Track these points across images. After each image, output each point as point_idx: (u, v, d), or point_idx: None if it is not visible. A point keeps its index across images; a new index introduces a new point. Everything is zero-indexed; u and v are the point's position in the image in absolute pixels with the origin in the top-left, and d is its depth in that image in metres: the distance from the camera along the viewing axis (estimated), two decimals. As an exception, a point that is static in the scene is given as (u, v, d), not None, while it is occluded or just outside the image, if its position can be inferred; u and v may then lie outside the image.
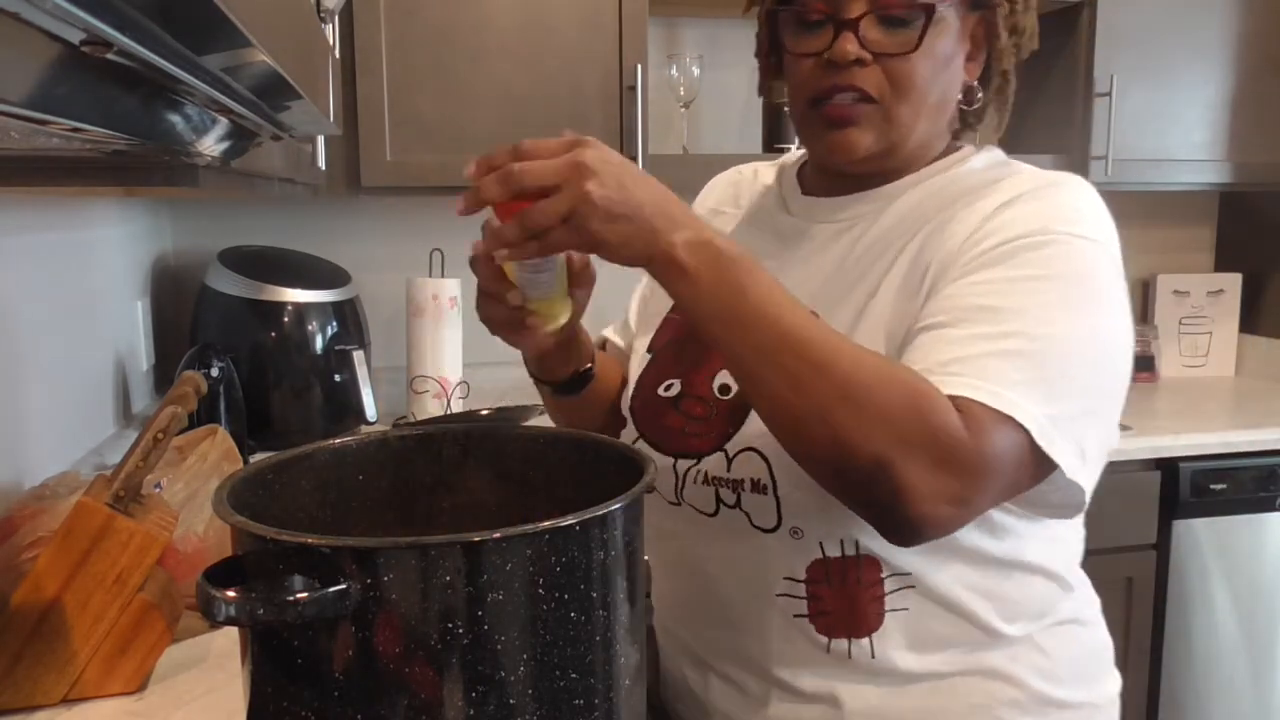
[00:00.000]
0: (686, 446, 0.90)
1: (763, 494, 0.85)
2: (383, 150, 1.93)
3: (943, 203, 0.85)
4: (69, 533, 0.93)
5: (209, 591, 0.58)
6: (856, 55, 0.82)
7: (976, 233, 0.80)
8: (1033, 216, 0.79)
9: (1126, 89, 2.19)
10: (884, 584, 0.83)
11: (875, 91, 0.84)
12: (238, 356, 1.83)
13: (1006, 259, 0.77)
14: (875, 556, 0.83)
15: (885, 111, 0.84)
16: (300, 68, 0.63)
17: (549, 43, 1.97)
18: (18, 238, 1.32)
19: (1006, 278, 0.76)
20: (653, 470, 0.72)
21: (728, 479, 0.87)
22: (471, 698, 0.60)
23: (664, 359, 0.97)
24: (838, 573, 0.84)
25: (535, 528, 0.60)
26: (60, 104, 0.44)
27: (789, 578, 0.86)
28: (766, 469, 0.84)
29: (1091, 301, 0.78)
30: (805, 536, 0.84)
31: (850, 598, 0.84)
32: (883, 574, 0.83)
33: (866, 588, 0.83)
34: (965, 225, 0.81)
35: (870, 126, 0.85)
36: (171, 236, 2.22)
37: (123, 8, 0.36)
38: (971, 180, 0.87)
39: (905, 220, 0.87)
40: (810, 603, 0.85)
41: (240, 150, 0.85)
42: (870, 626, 0.84)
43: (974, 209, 0.82)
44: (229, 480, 0.70)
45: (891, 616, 0.84)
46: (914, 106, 0.84)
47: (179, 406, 0.98)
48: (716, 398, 0.89)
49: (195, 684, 1.00)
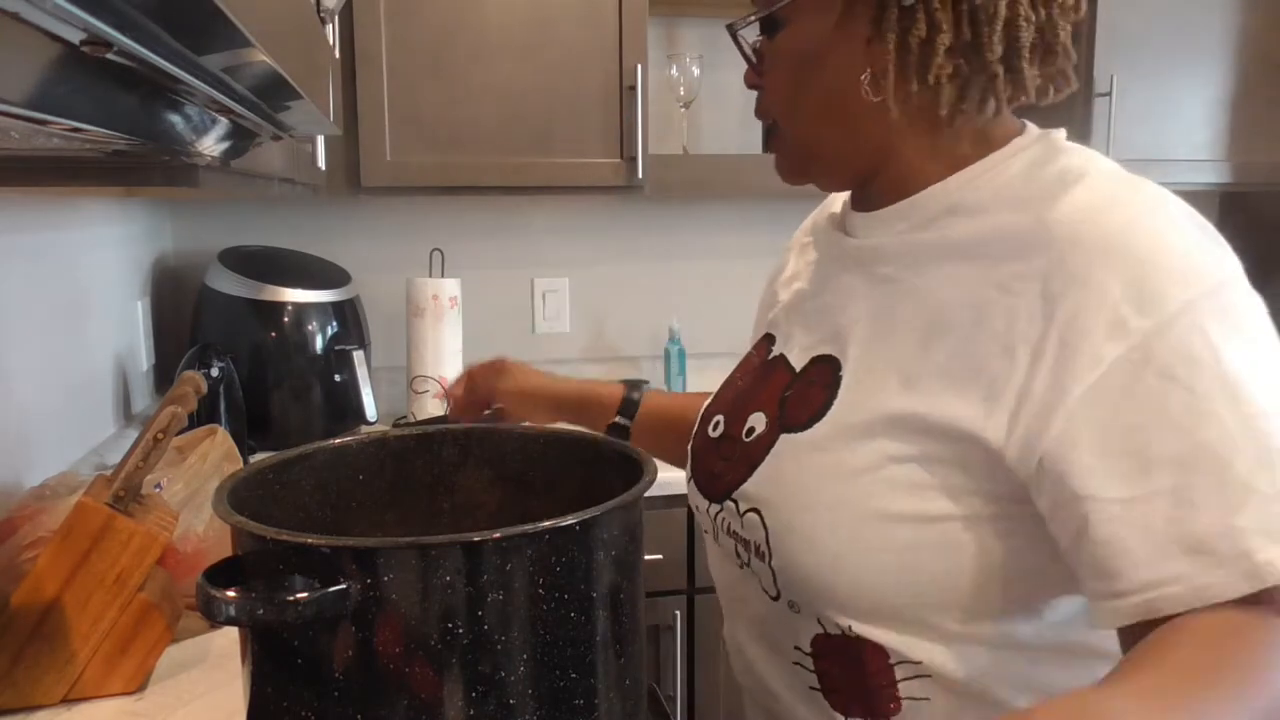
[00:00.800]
0: (714, 489, 0.84)
1: (761, 560, 0.77)
2: (383, 150, 1.93)
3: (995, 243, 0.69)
4: (69, 533, 0.93)
5: (209, 591, 0.58)
6: (752, 83, 0.79)
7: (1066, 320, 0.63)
8: (1154, 298, 0.61)
9: (1126, 89, 2.19)
10: (893, 670, 0.73)
11: (768, 117, 0.79)
12: (238, 356, 1.83)
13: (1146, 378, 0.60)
14: (876, 643, 0.72)
15: (780, 133, 0.79)
16: (300, 68, 0.63)
17: (549, 42, 1.97)
18: (18, 237, 1.32)
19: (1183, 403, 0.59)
20: (652, 470, 0.71)
21: (742, 536, 0.80)
22: (471, 698, 0.60)
23: (722, 395, 0.91)
24: (840, 650, 0.75)
25: (535, 528, 0.60)
26: (60, 104, 0.44)
27: (798, 648, 0.78)
28: (764, 534, 0.76)
29: (1261, 366, 0.62)
30: (802, 612, 0.76)
31: (859, 679, 0.74)
32: (890, 660, 0.73)
33: (874, 674, 0.74)
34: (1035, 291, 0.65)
35: (781, 151, 0.80)
36: (171, 236, 2.22)
37: (123, 8, 0.36)
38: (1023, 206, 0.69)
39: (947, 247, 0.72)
40: (820, 678, 0.77)
41: (240, 150, 0.85)
42: (886, 711, 0.74)
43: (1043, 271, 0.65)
44: (229, 480, 0.70)
45: (911, 705, 0.73)
46: (803, 125, 0.76)
47: (179, 406, 0.98)
48: (743, 440, 0.81)
49: (195, 684, 1.00)
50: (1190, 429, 0.59)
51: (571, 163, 1.99)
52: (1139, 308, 0.61)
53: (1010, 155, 0.73)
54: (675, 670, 1.88)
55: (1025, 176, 0.71)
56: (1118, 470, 0.60)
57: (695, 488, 0.88)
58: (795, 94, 0.75)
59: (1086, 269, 0.63)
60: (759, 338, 0.91)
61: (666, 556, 1.84)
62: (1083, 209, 0.66)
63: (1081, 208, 0.66)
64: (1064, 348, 0.63)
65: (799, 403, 0.77)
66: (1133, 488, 0.60)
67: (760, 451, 0.78)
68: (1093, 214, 0.66)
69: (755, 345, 0.91)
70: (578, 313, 2.42)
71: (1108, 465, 0.60)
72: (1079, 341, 0.62)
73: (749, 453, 0.80)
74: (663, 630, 1.87)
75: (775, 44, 0.75)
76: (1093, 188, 0.68)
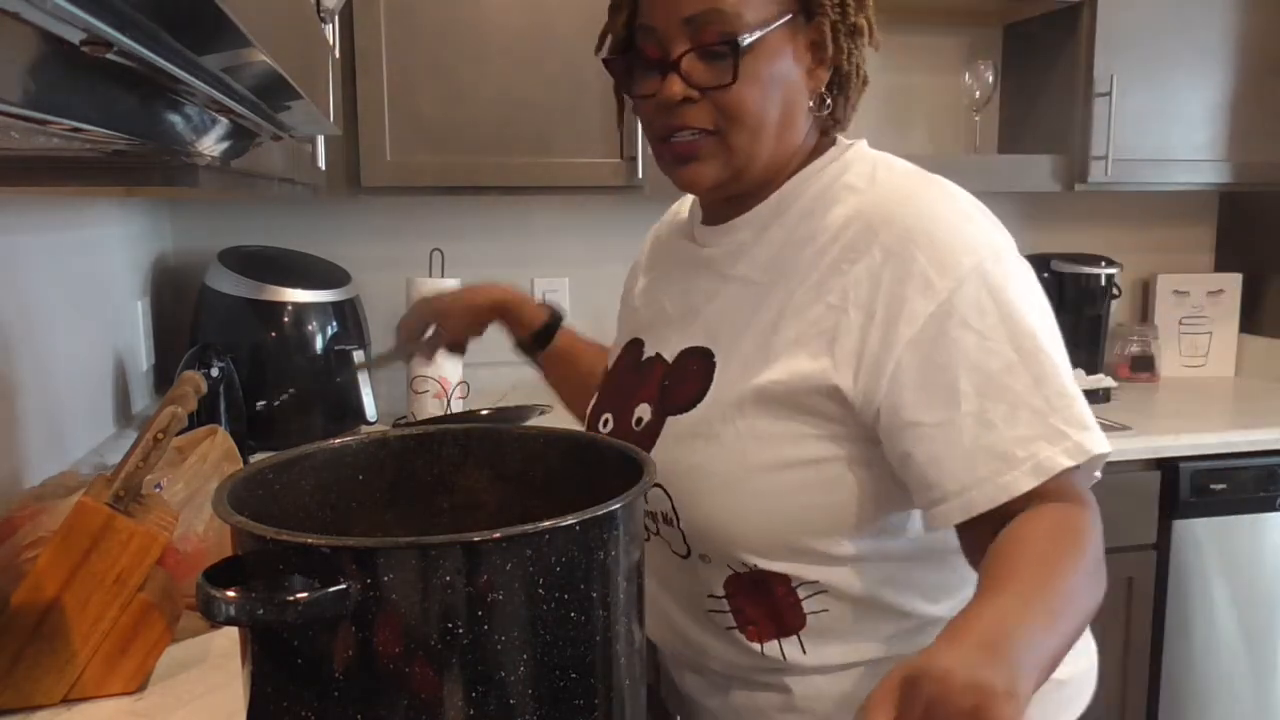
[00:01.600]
0: None
1: (670, 525, 0.90)
2: (383, 150, 1.93)
3: (816, 222, 0.87)
4: (69, 533, 0.93)
5: (209, 591, 0.58)
6: (684, 94, 0.84)
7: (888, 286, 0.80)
8: (949, 263, 0.79)
9: (1126, 89, 2.19)
10: (797, 592, 0.87)
11: (710, 124, 0.85)
12: (238, 356, 1.83)
13: (950, 328, 0.78)
14: (779, 572, 0.86)
15: (723, 140, 0.85)
16: (300, 68, 0.63)
17: (549, 42, 1.96)
18: (18, 238, 1.32)
19: (976, 344, 0.78)
20: (652, 470, 0.72)
21: (648, 509, 0.91)
22: (471, 698, 0.60)
23: (604, 394, 1.03)
24: (750, 587, 0.88)
25: (535, 528, 0.60)
26: (60, 104, 0.44)
27: (712, 595, 0.90)
28: (670, 504, 0.89)
29: (1029, 312, 0.80)
30: (713, 561, 0.89)
31: (769, 605, 0.88)
32: (793, 584, 0.87)
33: (781, 598, 0.87)
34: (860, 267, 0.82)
35: (712, 158, 0.86)
36: (171, 236, 2.22)
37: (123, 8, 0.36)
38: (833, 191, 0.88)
39: (788, 243, 0.88)
40: (735, 615, 0.90)
41: (240, 150, 0.85)
42: (794, 627, 0.88)
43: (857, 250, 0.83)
44: (229, 480, 0.70)
45: (813, 618, 0.87)
46: (750, 132, 0.85)
47: (179, 406, 0.98)
48: (633, 429, 0.93)
49: (195, 684, 1.00)
50: (983, 364, 0.77)
51: (571, 163, 1.99)
52: (940, 272, 0.79)
53: (829, 162, 0.90)
54: (675, 670, 1.88)
55: (840, 177, 0.88)
56: (934, 401, 0.78)
57: None
58: (763, 108, 0.85)
59: (900, 245, 0.80)
60: (625, 343, 1.04)
61: (666, 556, 1.84)
62: (891, 199, 0.84)
63: (890, 198, 0.84)
64: (888, 309, 0.80)
65: (678, 389, 0.91)
66: (944, 413, 0.77)
67: (650, 435, 0.91)
68: (899, 202, 0.84)
69: (624, 348, 1.04)
70: (578, 312, 2.41)
71: (926, 398, 0.78)
72: (899, 304, 0.79)
73: (641, 439, 0.91)
74: (663, 630, 1.87)
75: (749, 62, 0.83)
76: (895, 183, 0.87)
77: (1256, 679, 2.15)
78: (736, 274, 0.91)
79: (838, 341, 0.81)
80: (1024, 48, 2.45)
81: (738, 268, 0.91)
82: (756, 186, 0.90)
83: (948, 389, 0.77)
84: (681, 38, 0.84)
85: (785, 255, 0.88)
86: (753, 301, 0.89)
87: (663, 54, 0.85)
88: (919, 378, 0.78)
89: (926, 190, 0.85)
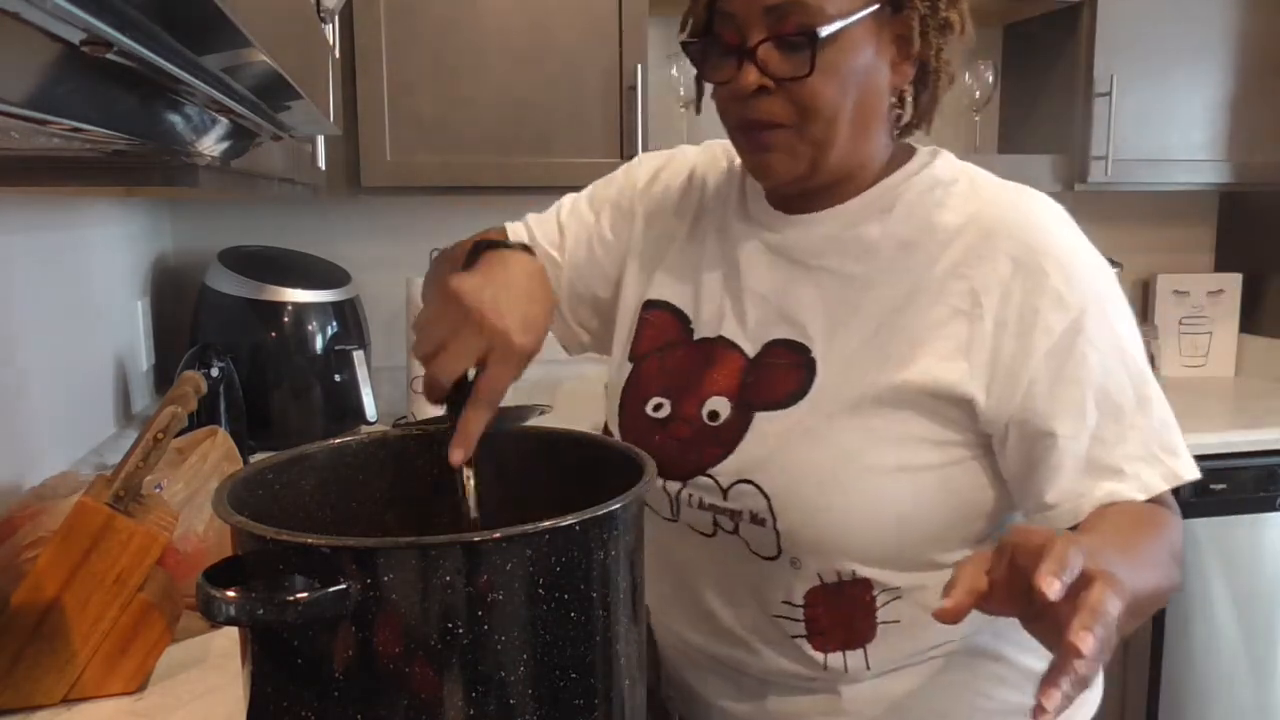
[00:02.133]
0: (672, 467, 0.90)
1: (761, 526, 0.86)
2: (383, 150, 1.93)
3: (921, 227, 0.85)
4: (69, 533, 0.93)
5: (209, 591, 0.58)
6: (758, 84, 0.81)
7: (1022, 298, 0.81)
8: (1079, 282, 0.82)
9: (1126, 89, 2.19)
10: (875, 600, 0.86)
11: (785, 117, 0.82)
12: (238, 356, 1.83)
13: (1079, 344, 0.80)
14: (868, 578, 0.86)
15: (799, 133, 0.83)
16: (300, 68, 0.63)
17: (549, 43, 1.97)
18: (18, 237, 1.32)
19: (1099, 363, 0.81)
20: (652, 470, 0.71)
21: (725, 508, 0.88)
22: (471, 698, 0.60)
23: (649, 373, 0.96)
24: (833, 595, 0.87)
25: (535, 528, 0.60)
26: (60, 104, 0.44)
27: (787, 601, 0.88)
28: (766, 504, 0.85)
29: (1135, 338, 0.84)
30: (804, 566, 0.86)
31: (845, 615, 0.87)
32: (874, 591, 0.86)
33: (860, 606, 0.87)
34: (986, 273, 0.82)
35: (786, 151, 0.84)
36: (171, 236, 2.22)
37: (123, 8, 0.36)
38: (935, 197, 0.87)
39: (890, 244, 0.86)
40: (808, 624, 0.88)
41: (240, 150, 0.85)
42: (864, 639, 0.87)
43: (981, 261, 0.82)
44: (229, 480, 0.70)
45: (884, 628, 0.87)
46: (826, 125, 0.82)
47: (179, 406, 0.98)
48: (705, 423, 0.89)
49: (195, 684, 1.00)
50: (1104, 383, 0.81)
51: (571, 163, 1.99)
52: (1070, 289, 0.81)
53: (922, 165, 0.89)
54: (675, 670, 1.88)
55: (940, 181, 0.88)
56: (1066, 414, 0.80)
57: None
58: (841, 100, 0.82)
59: (1029, 258, 0.81)
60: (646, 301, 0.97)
61: (666, 556, 1.84)
62: (1004, 209, 0.85)
63: (1002, 208, 0.85)
64: (1022, 321, 0.81)
65: (767, 385, 0.87)
66: (1074, 426, 0.80)
67: (735, 431, 0.88)
68: (1012, 211, 0.85)
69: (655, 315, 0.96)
70: (578, 313, 2.41)
71: (1059, 410, 0.80)
72: (1033, 316, 0.81)
73: (719, 434, 0.88)
74: (663, 630, 1.87)
75: (828, 54, 0.80)
76: (999, 193, 0.86)
77: (1256, 679, 2.15)
78: (824, 266, 0.88)
79: (972, 349, 0.81)
80: (1024, 48, 2.45)
81: (826, 260, 0.88)
82: (834, 181, 0.87)
83: (1077, 404, 0.80)
84: (760, 26, 0.81)
85: (888, 254, 0.86)
86: (851, 297, 0.86)
87: (740, 41, 0.82)
88: (1052, 390, 0.80)
89: (1034, 202, 0.86)
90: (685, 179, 1.01)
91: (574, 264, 1.03)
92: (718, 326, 0.92)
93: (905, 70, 0.85)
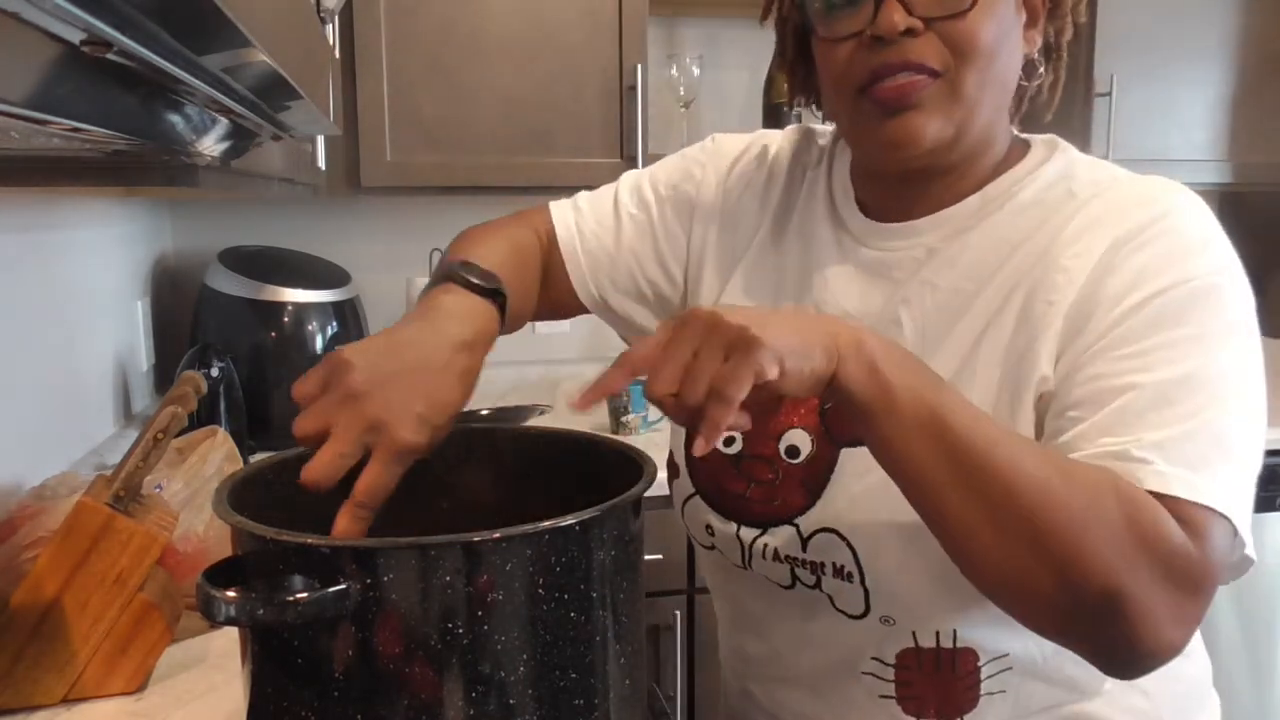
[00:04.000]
0: (750, 513, 0.81)
1: (847, 581, 0.76)
2: (383, 150, 1.93)
3: (1034, 224, 0.75)
4: (69, 533, 0.93)
5: (209, 591, 0.58)
6: (906, 24, 0.70)
7: (1104, 282, 0.70)
8: (1165, 262, 0.70)
9: (1126, 89, 2.19)
10: (981, 670, 0.76)
11: (937, 62, 0.71)
12: (238, 356, 1.83)
13: (1157, 323, 0.68)
14: (973, 646, 0.76)
15: (951, 84, 0.71)
16: (300, 68, 0.63)
17: (549, 43, 1.97)
18: (18, 237, 1.32)
19: (1164, 344, 0.67)
20: (652, 470, 0.71)
21: (804, 559, 0.78)
22: (471, 698, 0.60)
23: None
24: (931, 661, 0.77)
25: (535, 528, 0.60)
26: (60, 104, 0.44)
27: (876, 658, 0.79)
28: (851, 556, 0.76)
29: (1242, 350, 0.69)
30: (898, 625, 0.76)
31: (944, 685, 0.77)
32: (980, 661, 0.76)
33: (962, 676, 0.77)
34: (1081, 263, 0.71)
35: (935, 108, 0.72)
36: (171, 236, 2.22)
37: (123, 8, 0.36)
38: (1057, 194, 0.76)
39: (998, 248, 0.76)
40: (899, 686, 0.78)
41: (240, 150, 0.85)
42: (964, 710, 0.78)
43: (1083, 242, 0.72)
44: (229, 480, 0.70)
45: (987, 699, 0.77)
46: (981, 74, 0.71)
47: (179, 406, 0.98)
48: (784, 460, 0.79)
49: (195, 684, 0.99)
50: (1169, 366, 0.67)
51: (571, 163, 1.99)
52: (1167, 264, 0.69)
53: (1038, 164, 0.78)
54: (675, 670, 1.88)
55: (1059, 181, 0.77)
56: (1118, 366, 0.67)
57: (709, 507, 0.84)
58: (996, 48, 0.72)
59: (1129, 236, 0.70)
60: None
61: (666, 556, 1.84)
62: (1129, 203, 0.73)
63: (1127, 202, 0.73)
64: (1099, 288, 0.70)
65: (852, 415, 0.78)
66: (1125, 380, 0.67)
67: (820, 472, 0.77)
68: (1137, 203, 0.73)
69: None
70: (577, 313, 2.41)
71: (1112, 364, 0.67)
72: (1111, 275, 0.70)
73: (803, 475, 0.78)
74: (663, 630, 1.87)
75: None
76: (1128, 188, 0.75)
77: (1256, 679, 2.15)
78: (921, 279, 0.78)
79: (1056, 342, 0.71)
80: (1024, 48, 2.44)
81: (922, 274, 0.78)
82: (964, 160, 0.77)
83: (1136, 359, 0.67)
84: None
85: (990, 256, 0.76)
86: (946, 311, 0.76)
87: None
88: (1113, 346, 0.68)
89: (1165, 194, 0.74)
90: (767, 171, 0.90)
91: (633, 252, 0.92)
92: None
93: (1033, 38, 0.77)
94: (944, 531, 0.64)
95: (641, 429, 2.06)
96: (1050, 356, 0.71)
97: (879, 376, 0.61)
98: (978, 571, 0.64)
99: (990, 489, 0.61)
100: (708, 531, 0.85)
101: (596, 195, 0.96)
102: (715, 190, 0.91)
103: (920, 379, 0.63)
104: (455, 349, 0.71)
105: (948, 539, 0.64)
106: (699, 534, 0.87)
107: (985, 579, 0.64)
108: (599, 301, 0.94)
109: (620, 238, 0.92)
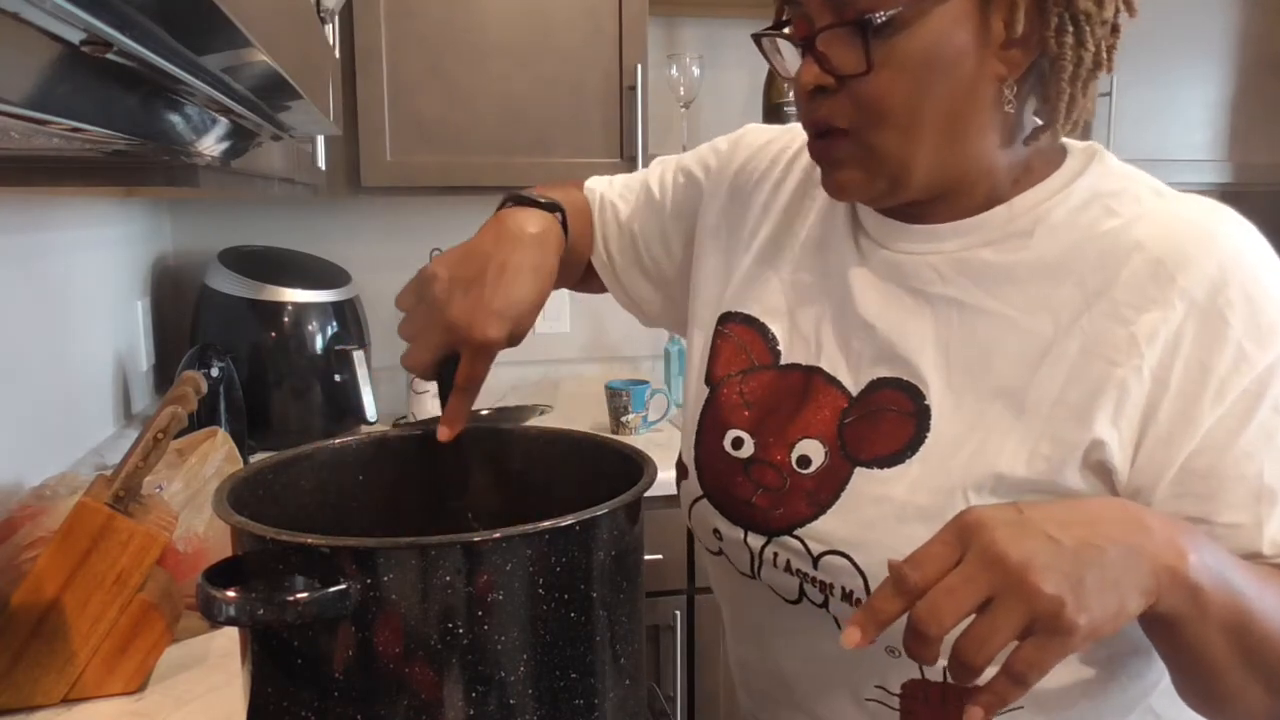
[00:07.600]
0: (754, 518, 0.79)
1: (855, 607, 0.73)
2: (383, 150, 1.93)
3: (1073, 250, 0.70)
4: (69, 533, 0.93)
5: (209, 591, 0.58)
6: (816, 82, 0.68)
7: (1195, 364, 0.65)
8: (1257, 332, 0.65)
9: (1126, 89, 2.19)
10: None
11: (844, 121, 0.69)
12: (238, 356, 1.83)
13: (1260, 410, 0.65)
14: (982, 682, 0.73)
15: (861, 144, 0.69)
16: (300, 68, 0.63)
17: (549, 43, 1.97)
18: (17, 237, 1.32)
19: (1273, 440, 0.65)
20: (652, 470, 0.71)
21: (814, 576, 0.76)
22: (471, 698, 0.60)
23: (728, 401, 0.82)
24: (937, 695, 0.74)
25: (535, 528, 0.60)
26: (60, 104, 0.44)
27: (881, 687, 0.76)
28: (862, 583, 0.72)
29: None
30: (903, 656, 0.72)
31: (951, 714, 0.73)
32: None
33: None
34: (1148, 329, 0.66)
35: (855, 164, 0.70)
36: (171, 236, 2.22)
37: (123, 8, 0.36)
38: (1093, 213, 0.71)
39: (1034, 273, 0.71)
40: (904, 716, 0.76)
41: (240, 150, 0.85)
42: None
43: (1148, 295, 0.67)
44: (229, 480, 0.70)
45: None
46: (900, 132, 0.68)
47: (179, 407, 0.98)
48: (795, 470, 0.77)
49: (195, 684, 1.00)
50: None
51: (571, 163, 1.99)
52: (1258, 342, 0.65)
53: (1071, 178, 0.73)
54: (675, 670, 1.88)
55: (1097, 195, 0.71)
56: (1231, 497, 0.65)
57: (717, 511, 0.83)
58: (915, 99, 0.67)
59: (1208, 301, 0.66)
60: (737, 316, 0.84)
61: (666, 556, 1.84)
62: (1184, 234, 0.68)
63: (1182, 233, 0.68)
64: (1188, 379, 0.65)
65: (871, 434, 0.74)
66: (1242, 515, 0.65)
67: (829, 487, 0.74)
68: (1195, 241, 0.68)
69: (733, 328, 0.83)
70: (577, 313, 2.42)
71: (1222, 491, 0.65)
72: (1205, 375, 0.65)
73: (810, 487, 0.75)
74: (663, 630, 1.87)
75: (894, 45, 0.66)
76: (1178, 212, 0.70)
77: (1256, 679, 2.15)
78: (947, 295, 0.73)
79: (1122, 413, 0.66)
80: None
81: (949, 287, 0.73)
82: (937, 196, 0.73)
83: (1249, 482, 0.65)
84: (824, 13, 0.67)
85: (1027, 287, 0.70)
86: (979, 334, 0.71)
87: (807, 32, 0.69)
88: (1214, 468, 0.65)
89: (1222, 225, 0.70)
90: (787, 163, 0.87)
91: (641, 225, 0.95)
92: (813, 354, 0.79)
93: (1016, 59, 0.68)
94: (1207, 689, 0.64)
95: (641, 429, 2.06)
96: (1109, 421, 0.67)
97: (1199, 598, 0.58)
98: (1219, 710, 0.66)
99: (1276, 668, 0.62)
100: (715, 535, 0.84)
101: (630, 174, 1.01)
102: (729, 178, 0.90)
103: (1227, 576, 0.60)
104: (524, 247, 0.79)
105: (1207, 692, 0.65)
106: (706, 538, 0.86)
107: (1224, 715, 0.66)
108: (606, 264, 0.98)
109: (635, 209, 0.96)
